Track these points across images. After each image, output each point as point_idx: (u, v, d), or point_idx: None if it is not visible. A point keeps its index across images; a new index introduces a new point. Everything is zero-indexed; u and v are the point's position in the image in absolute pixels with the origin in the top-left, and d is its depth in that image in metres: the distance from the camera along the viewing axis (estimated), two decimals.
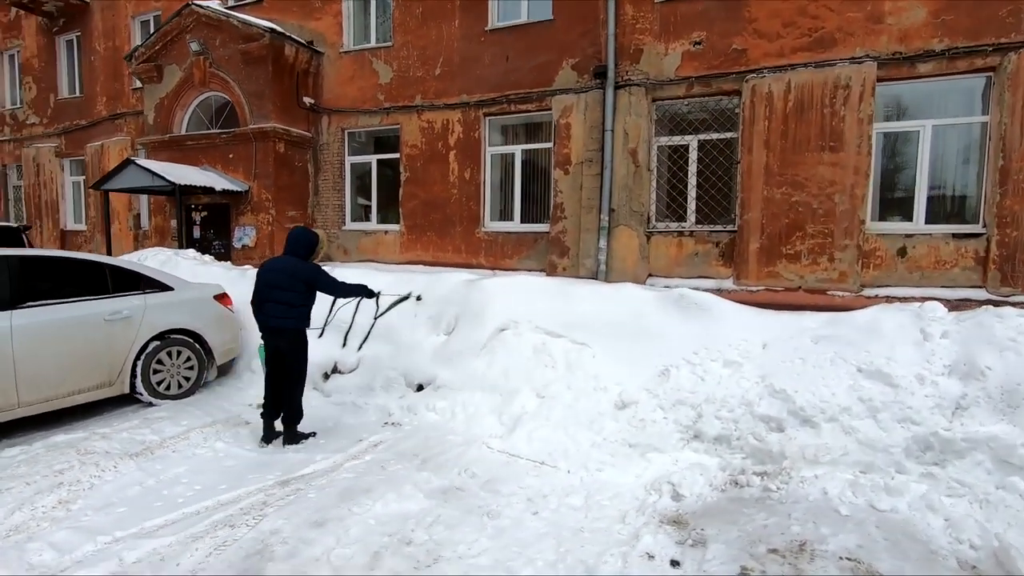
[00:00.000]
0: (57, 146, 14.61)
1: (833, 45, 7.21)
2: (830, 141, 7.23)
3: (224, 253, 10.74)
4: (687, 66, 8.05)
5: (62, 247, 14.71)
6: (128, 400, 4.96)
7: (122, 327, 4.63)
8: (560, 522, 3.22)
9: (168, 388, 5.03)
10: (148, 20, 13.18)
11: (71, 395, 4.38)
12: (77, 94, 14.39)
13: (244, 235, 10.67)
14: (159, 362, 4.95)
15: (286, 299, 4.17)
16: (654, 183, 8.46)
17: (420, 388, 4.98)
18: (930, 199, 7.09)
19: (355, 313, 5.68)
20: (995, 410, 3.44)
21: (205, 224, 11.17)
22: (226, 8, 11.27)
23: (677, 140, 8.34)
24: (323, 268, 4.44)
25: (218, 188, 10.12)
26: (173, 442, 4.28)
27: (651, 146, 8.40)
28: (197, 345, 5.23)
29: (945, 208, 7.12)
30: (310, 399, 5.18)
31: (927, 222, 7.07)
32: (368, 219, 11.12)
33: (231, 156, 10.68)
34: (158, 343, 4.93)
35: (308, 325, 4.36)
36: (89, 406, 4.77)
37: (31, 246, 7.88)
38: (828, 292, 7.30)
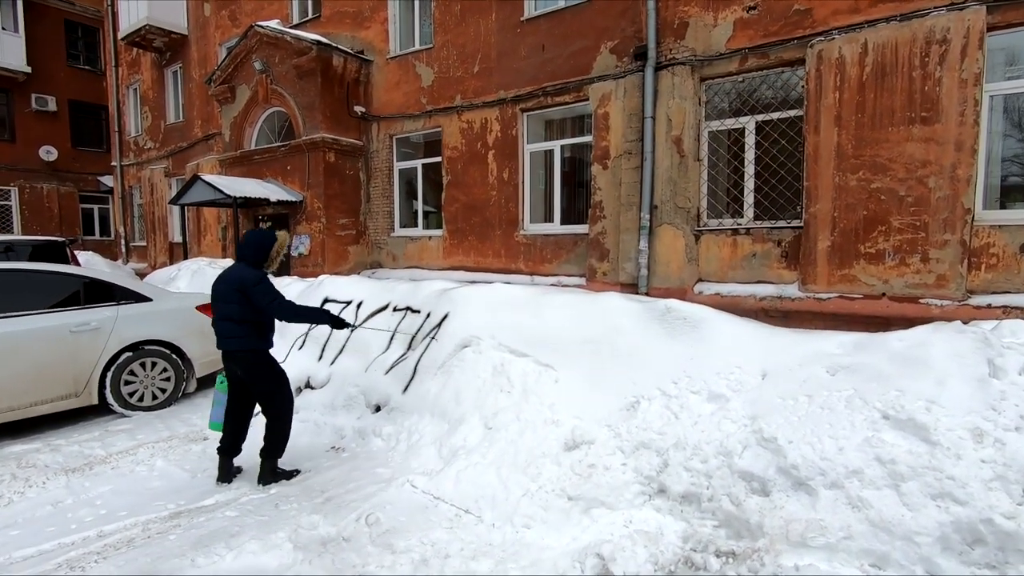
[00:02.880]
0: (165, 167, 16.25)
1: None
2: (921, 111, 5.73)
3: (285, 261, 11.10)
4: (740, 36, 6.86)
5: (170, 257, 16.32)
6: (104, 410, 5.00)
7: (89, 338, 4.66)
8: None
9: (141, 399, 5.02)
10: (233, 46, 14.14)
11: (34, 405, 4.45)
12: (180, 119, 15.90)
13: (300, 244, 10.98)
14: (131, 373, 4.95)
15: (231, 313, 3.63)
16: (704, 175, 7.33)
17: (378, 409, 4.51)
18: None
19: None
20: None
21: None
22: (290, 26, 11.76)
23: (731, 123, 7.15)
24: (269, 279, 3.74)
25: (272, 199, 10.49)
26: (117, 457, 4.18)
27: (700, 132, 7.29)
28: (175, 356, 5.19)
29: None
30: None
31: None
32: (415, 225, 10.97)
33: (288, 168, 11.05)
34: (130, 354, 4.93)
35: (267, 344, 3.74)
36: (66, 415, 4.87)
37: (75, 261, 8.55)
38: (921, 300, 5.78)
